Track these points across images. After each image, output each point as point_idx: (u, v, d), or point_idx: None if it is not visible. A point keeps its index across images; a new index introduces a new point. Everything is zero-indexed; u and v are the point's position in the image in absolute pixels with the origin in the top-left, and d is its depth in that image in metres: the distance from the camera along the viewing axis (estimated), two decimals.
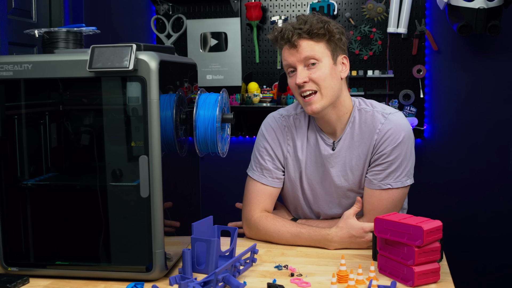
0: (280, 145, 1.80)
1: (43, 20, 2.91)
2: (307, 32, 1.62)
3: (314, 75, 1.63)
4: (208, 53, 3.16)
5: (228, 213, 2.07)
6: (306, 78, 1.63)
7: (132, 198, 1.40)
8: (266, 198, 1.79)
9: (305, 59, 1.63)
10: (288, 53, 1.65)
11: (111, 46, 1.36)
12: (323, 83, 1.63)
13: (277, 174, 1.80)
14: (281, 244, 1.71)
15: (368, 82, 3.04)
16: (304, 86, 1.63)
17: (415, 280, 1.36)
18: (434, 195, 3.05)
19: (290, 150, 1.80)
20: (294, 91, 1.69)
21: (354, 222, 1.63)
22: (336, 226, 1.65)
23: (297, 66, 1.64)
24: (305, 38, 1.63)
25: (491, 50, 2.94)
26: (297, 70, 1.64)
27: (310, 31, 1.62)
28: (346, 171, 1.73)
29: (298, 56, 1.63)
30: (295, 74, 1.65)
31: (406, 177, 1.70)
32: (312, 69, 1.63)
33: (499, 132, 2.95)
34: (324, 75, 1.63)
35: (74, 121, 1.50)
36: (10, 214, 1.46)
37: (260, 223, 1.74)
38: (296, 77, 1.64)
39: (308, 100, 1.64)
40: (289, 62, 1.65)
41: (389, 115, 1.70)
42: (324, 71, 1.63)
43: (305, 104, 1.66)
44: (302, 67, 1.64)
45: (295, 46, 1.63)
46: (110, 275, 1.44)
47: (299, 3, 3.08)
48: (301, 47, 1.63)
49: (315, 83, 1.63)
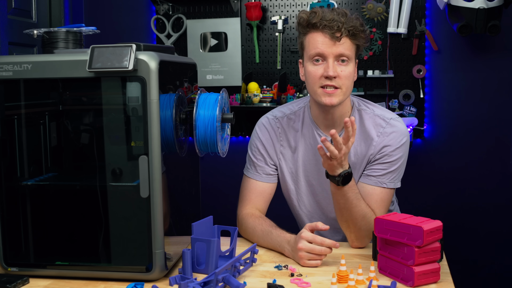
0: (273, 144, 1.82)
1: (43, 20, 2.91)
2: (351, 30, 1.63)
3: (344, 72, 1.64)
4: (208, 53, 3.16)
5: (228, 213, 2.07)
6: (337, 73, 1.64)
7: (132, 198, 1.40)
8: (257, 196, 1.80)
9: (340, 55, 1.64)
10: (325, 43, 1.63)
11: (111, 46, 1.36)
12: (347, 81, 1.66)
13: (269, 171, 1.82)
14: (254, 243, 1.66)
15: (368, 82, 3.04)
16: (331, 80, 1.64)
17: (415, 280, 1.36)
18: (434, 195, 3.05)
19: (284, 151, 1.81)
20: (315, 80, 1.66)
21: (303, 234, 1.55)
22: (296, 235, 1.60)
23: (329, 58, 1.64)
24: (347, 36, 1.64)
25: (491, 50, 2.94)
26: (329, 62, 1.63)
27: (353, 31, 1.63)
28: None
29: (335, 49, 1.63)
30: (325, 64, 1.64)
31: (398, 179, 1.73)
32: (342, 65, 1.65)
33: (499, 132, 2.95)
34: (350, 74, 1.66)
35: (74, 121, 1.50)
36: (10, 214, 1.46)
37: (244, 220, 1.76)
38: (326, 68, 1.63)
39: (330, 92, 1.64)
40: (323, 51, 1.64)
41: (391, 120, 1.73)
42: (351, 71, 1.66)
43: (325, 94, 1.65)
44: (333, 60, 1.64)
45: (337, 39, 1.63)
46: (110, 275, 1.44)
47: (299, 3, 3.08)
48: (342, 43, 1.63)
49: (341, 80, 1.64)
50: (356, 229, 1.64)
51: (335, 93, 1.65)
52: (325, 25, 1.62)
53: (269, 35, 3.13)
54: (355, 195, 1.61)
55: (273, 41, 3.13)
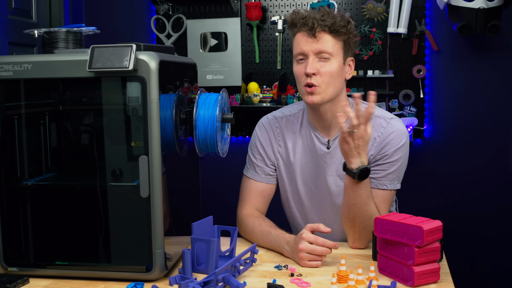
0: (271, 144, 1.82)
1: (43, 20, 2.91)
2: (330, 26, 1.62)
3: (324, 69, 1.64)
4: (208, 53, 3.16)
5: (228, 213, 2.07)
6: (315, 70, 1.63)
7: (132, 198, 1.40)
8: (257, 196, 1.81)
9: (320, 52, 1.64)
10: (304, 41, 1.65)
11: (111, 46, 1.36)
12: (329, 79, 1.64)
13: (269, 171, 1.82)
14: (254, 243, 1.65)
15: (368, 82, 3.04)
16: (311, 77, 1.64)
17: (415, 280, 1.36)
18: (434, 195, 3.05)
19: (281, 151, 1.81)
20: (298, 79, 1.68)
21: (304, 235, 1.54)
22: (296, 236, 1.59)
23: (309, 56, 1.64)
24: (326, 32, 1.63)
25: (491, 50, 2.94)
26: (309, 59, 1.64)
27: (333, 27, 1.63)
28: (342, 169, 1.73)
29: (314, 46, 1.64)
30: (305, 62, 1.65)
31: (398, 181, 1.73)
32: (323, 62, 1.64)
33: (499, 132, 2.95)
34: (332, 71, 1.64)
35: (74, 121, 1.50)
36: (10, 214, 1.46)
37: (243, 221, 1.76)
38: (306, 65, 1.64)
39: (310, 90, 1.65)
40: (303, 49, 1.65)
41: (391, 120, 1.73)
42: (334, 68, 1.65)
43: (307, 93, 1.66)
44: (314, 58, 1.64)
45: (314, 36, 1.63)
46: (110, 275, 1.44)
47: (299, 3, 3.08)
48: (320, 39, 1.63)
49: (322, 77, 1.64)
50: (361, 228, 1.63)
51: (315, 91, 1.64)
52: (302, 23, 1.64)
53: (269, 35, 3.13)
54: (368, 194, 1.60)
55: (273, 41, 3.13)
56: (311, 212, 1.82)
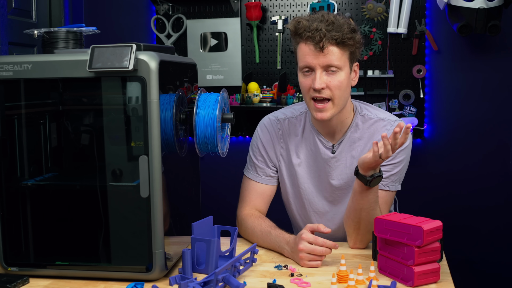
0: (274, 146, 1.81)
1: (43, 20, 2.91)
2: (337, 39, 1.56)
3: (333, 82, 1.59)
4: (208, 53, 3.16)
5: (228, 213, 2.07)
6: (324, 85, 1.59)
7: (132, 198, 1.40)
8: (257, 196, 1.80)
9: (328, 66, 1.59)
10: (311, 53, 1.59)
11: (111, 46, 1.36)
12: (338, 92, 1.61)
13: (270, 172, 1.81)
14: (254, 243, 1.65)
15: (368, 82, 3.04)
16: (320, 92, 1.60)
17: (415, 280, 1.36)
18: (434, 195, 3.05)
19: (283, 153, 1.80)
20: (305, 92, 1.64)
21: (304, 235, 1.54)
22: (296, 236, 1.59)
23: (316, 69, 1.59)
24: (333, 45, 1.58)
25: (491, 50, 2.94)
26: (316, 73, 1.59)
27: (340, 39, 1.57)
28: (347, 174, 1.73)
29: (322, 60, 1.58)
30: (312, 75, 1.60)
31: (399, 182, 1.74)
32: (331, 75, 1.59)
33: (499, 132, 2.95)
34: (341, 84, 1.60)
35: (74, 121, 1.50)
36: (10, 214, 1.46)
37: (243, 221, 1.76)
38: (314, 80, 1.59)
39: (321, 107, 1.61)
40: (310, 63, 1.59)
41: (395, 122, 1.72)
42: (342, 80, 1.60)
43: (316, 109, 1.63)
44: (321, 71, 1.59)
45: (321, 50, 1.57)
46: (110, 275, 1.44)
47: (299, 3, 3.08)
48: (327, 53, 1.58)
49: (331, 91, 1.60)
50: (365, 231, 1.63)
51: (326, 107, 1.61)
52: (308, 36, 1.57)
53: (269, 35, 3.13)
54: (376, 199, 1.59)
55: (273, 41, 3.13)
56: (311, 214, 1.82)
